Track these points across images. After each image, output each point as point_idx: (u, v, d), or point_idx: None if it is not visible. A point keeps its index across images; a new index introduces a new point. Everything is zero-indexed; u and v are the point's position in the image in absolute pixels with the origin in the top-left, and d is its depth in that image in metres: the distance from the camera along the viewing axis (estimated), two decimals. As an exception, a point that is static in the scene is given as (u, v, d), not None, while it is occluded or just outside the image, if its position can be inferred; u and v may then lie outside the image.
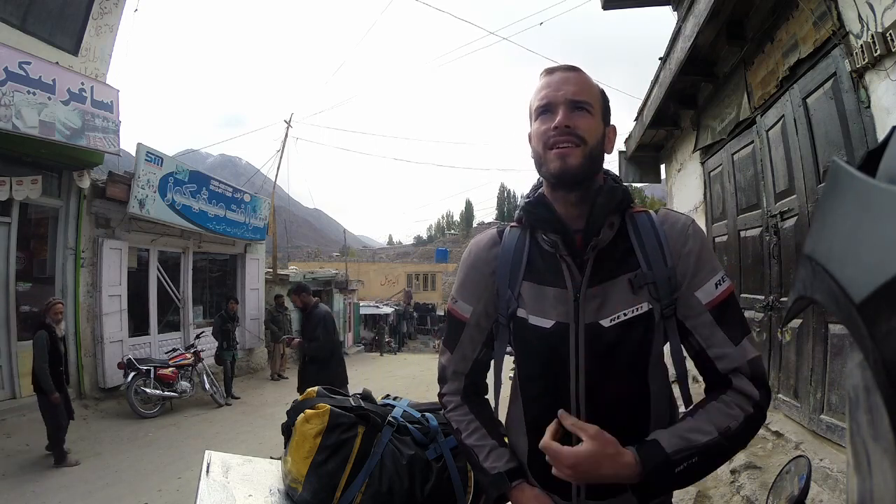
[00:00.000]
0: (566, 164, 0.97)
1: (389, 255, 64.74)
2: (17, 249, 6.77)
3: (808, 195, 3.26)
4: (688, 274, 0.98)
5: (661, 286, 0.98)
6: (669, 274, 0.98)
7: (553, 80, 1.02)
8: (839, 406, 2.93)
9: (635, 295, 0.98)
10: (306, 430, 1.19)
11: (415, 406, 1.37)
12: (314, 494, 1.16)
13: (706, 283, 0.98)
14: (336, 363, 5.24)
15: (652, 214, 1.05)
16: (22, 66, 6.03)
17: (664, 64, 5.17)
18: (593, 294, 0.99)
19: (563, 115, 0.98)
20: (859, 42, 2.61)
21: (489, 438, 1.08)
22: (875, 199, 0.28)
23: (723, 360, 0.95)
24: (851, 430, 0.33)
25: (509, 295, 1.06)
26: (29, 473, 4.81)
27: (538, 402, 1.05)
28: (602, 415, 0.98)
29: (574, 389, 0.99)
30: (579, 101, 0.99)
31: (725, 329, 0.96)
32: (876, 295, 0.26)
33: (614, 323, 0.98)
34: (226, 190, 10.50)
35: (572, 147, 0.97)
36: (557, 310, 1.01)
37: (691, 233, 1.01)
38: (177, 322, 9.92)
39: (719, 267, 1.01)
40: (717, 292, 0.97)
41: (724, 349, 0.95)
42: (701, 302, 0.97)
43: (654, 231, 1.01)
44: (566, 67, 1.04)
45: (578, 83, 1.01)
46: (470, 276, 1.13)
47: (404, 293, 30.83)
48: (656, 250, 0.99)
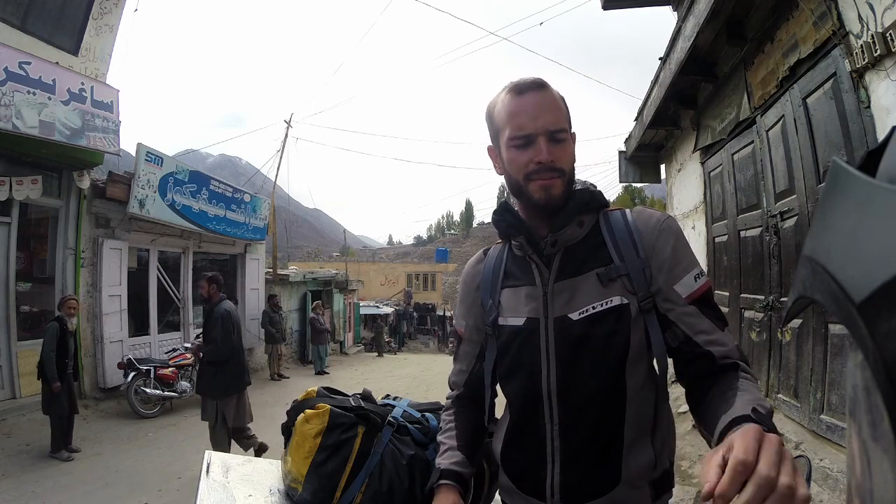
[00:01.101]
0: (550, 195, 0.99)
1: (389, 255, 64.80)
2: (17, 249, 6.77)
3: (808, 195, 3.26)
4: (664, 268, 0.98)
5: (636, 278, 0.98)
6: (643, 265, 0.98)
7: (527, 105, 0.99)
8: (839, 406, 2.94)
9: (605, 288, 0.98)
10: (306, 430, 1.19)
11: (415, 406, 1.37)
12: (314, 494, 1.16)
13: (685, 276, 0.97)
14: (235, 367, 4.82)
15: (626, 211, 1.06)
16: (22, 66, 6.02)
17: (664, 64, 5.18)
18: (561, 289, 1.01)
19: (546, 150, 0.97)
20: (859, 42, 2.61)
21: (454, 440, 1.14)
22: (875, 198, 0.28)
23: (714, 345, 0.94)
24: (851, 430, 0.33)
25: (490, 304, 1.11)
26: (29, 473, 4.81)
27: (516, 400, 1.08)
28: (574, 410, 0.99)
29: (546, 383, 1.00)
30: (558, 131, 0.99)
31: (710, 318, 0.96)
32: (876, 295, 0.26)
33: (583, 316, 0.98)
34: (226, 190, 10.50)
35: (554, 179, 0.99)
36: (529, 306, 1.04)
37: (664, 227, 1.01)
38: (177, 322, 9.92)
39: (696, 262, 1.01)
40: (697, 286, 0.97)
41: (713, 335, 0.94)
42: (681, 295, 0.97)
43: (626, 226, 1.02)
44: (535, 86, 1.01)
45: (553, 107, 1.00)
46: (462, 294, 1.22)
47: (404, 293, 30.86)
48: (628, 243, 1.00)
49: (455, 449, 1.13)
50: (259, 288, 12.49)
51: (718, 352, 0.93)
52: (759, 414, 0.73)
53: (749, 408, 0.75)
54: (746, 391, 0.84)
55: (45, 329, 5.44)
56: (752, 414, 0.73)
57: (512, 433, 1.08)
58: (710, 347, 0.94)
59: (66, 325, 5.41)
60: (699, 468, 3.60)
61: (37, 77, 6.18)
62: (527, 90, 1.00)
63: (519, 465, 1.07)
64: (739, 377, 0.89)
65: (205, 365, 4.89)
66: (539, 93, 1.00)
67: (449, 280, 38.36)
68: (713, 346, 0.94)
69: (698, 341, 0.94)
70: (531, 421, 1.02)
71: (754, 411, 0.73)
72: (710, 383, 0.91)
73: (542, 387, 1.00)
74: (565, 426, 0.99)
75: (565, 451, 0.99)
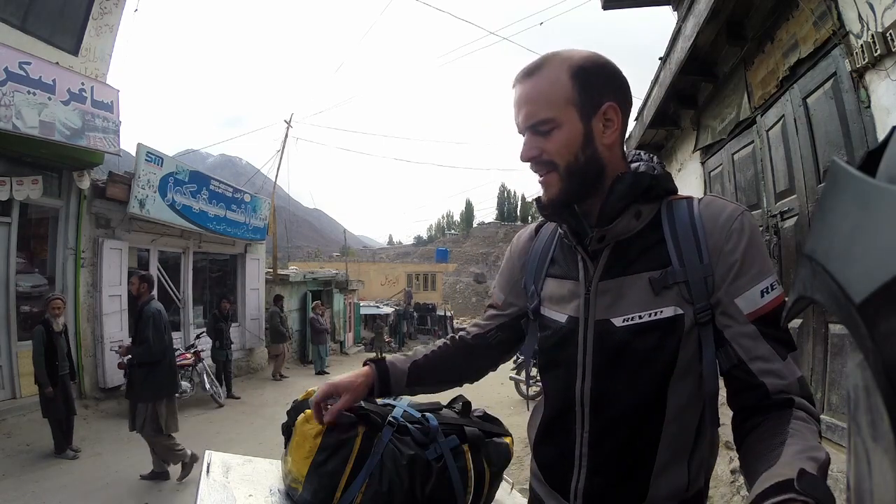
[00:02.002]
0: (548, 195, 0.93)
1: (389, 255, 64.82)
2: (17, 249, 6.77)
3: (808, 195, 3.26)
4: (728, 277, 0.84)
5: (695, 287, 0.85)
6: (706, 273, 0.85)
7: (514, 100, 0.93)
8: (839, 406, 2.94)
9: (657, 296, 0.87)
10: (306, 430, 1.19)
11: (415, 406, 1.36)
12: (314, 494, 1.16)
13: (750, 288, 0.83)
14: (166, 369, 4.69)
15: (694, 201, 0.91)
16: (22, 66, 6.03)
17: (664, 64, 5.18)
18: (606, 288, 0.91)
19: (525, 146, 0.91)
20: (859, 42, 2.61)
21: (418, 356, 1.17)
22: (875, 199, 0.28)
23: (770, 376, 0.81)
24: (851, 430, 0.33)
25: (532, 290, 1.05)
26: (29, 473, 4.81)
27: (550, 398, 1.03)
28: (606, 422, 0.91)
29: (580, 389, 0.93)
30: (538, 123, 0.90)
31: (771, 343, 0.82)
32: (876, 295, 0.26)
33: (627, 324, 0.88)
34: (226, 190, 10.51)
35: (547, 174, 0.92)
36: (571, 304, 0.96)
37: (736, 226, 0.85)
38: (177, 322, 9.90)
39: (769, 269, 0.85)
40: (763, 302, 0.82)
41: (770, 364, 0.81)
42: (742, 311, 0.83)
43: (691, 221, 0.88)
44: (522, 75, 0.92)
45: (531, 99, 0.90)
46: (505, 267, 1.17)
47: (404, 293, 30.85)
48: (691, 244, 0.86)
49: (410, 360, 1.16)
50: (259, 288, 12.49)
51: (774, 385, 0.80)
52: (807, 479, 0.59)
53: (795, 468, 0.61)
54: (797, 438, 0.72)
55: (33, 334, 5.36)
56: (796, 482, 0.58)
57: (545, 426, 1.05)
58: (764, 378, 0.81)
59: (52, 327, 5.31)
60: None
61: (37, 77, 6.18)
62: (516, 82, 0.94)
63: (548, 459, 1.03)
64: (793, 417, 0.76)
65: (134, 367, 4.65)
66: (524, 82, 0.92)
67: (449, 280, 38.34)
68: (769, 376, 0.81)
69: (752, 369, 0.82)
70: (563, 421, 0.98)
71: (801, 476, 0.59)
72: (758, 419, 0.80)
73: (576, 393, 0.94)
74: (595, 436, 0.93)
75: (593, 460, 0.93)
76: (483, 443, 1.28)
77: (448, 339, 1.22)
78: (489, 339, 1.16)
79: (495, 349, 1.18)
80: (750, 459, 0.76)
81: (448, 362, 1.19)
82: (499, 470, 1.25)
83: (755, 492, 0.61)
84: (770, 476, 0.62)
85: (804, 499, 0.56)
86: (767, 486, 0.60)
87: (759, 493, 0.60)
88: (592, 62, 0.91)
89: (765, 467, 0.67)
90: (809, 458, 0.66)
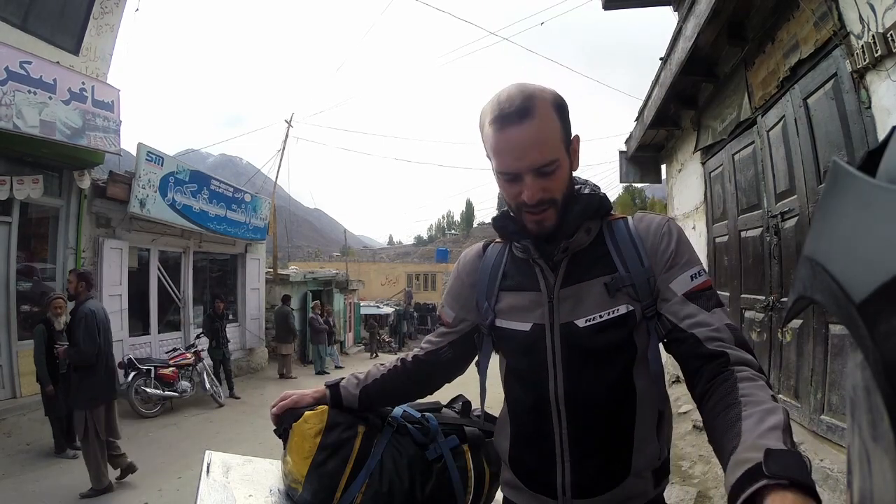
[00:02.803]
0: (544, 227, 0.99)
1: (390, 255, 64.79)
2: (17, 249, 6.77)
3: (808, 195, 3.26)
4: (664, 267, 0.98)
5: (641, 288, 0.97)
6: (648, 275, 0.98)
7: (511, 143, 0.93)
8: (840, 406, 2.94)
9: (612, 298, 0.98)
10: (306, 430, 1.19)
11: (414, 406, 1.36)
12: (314, 495, 1.16)
13: (681, 274, 0.96)
14: (103, 373, 4.40)
15: (628, 219, 1.05)
16: (23, 65, 6.03)
17: (665, 64, 5.18)
18: (567, 295, 1.00)
19: (532, 188, 0.95)
20: (860, 42, 2.61)
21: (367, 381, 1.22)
22: (875, 198, 0.28)
23: (698, 327, 0.90)
24: (851, 430, 0.33)
25: (486, 306, 1.10)
26: (29, 472, 4.82)
27: (520, 404, 1.08)
28: (583, 415, 0.99)
29: (553, 390, 1.00)
30: (545, 165, 0.94)
31: (697, 303, 0.93)
32: (876, 295, 0.26)
33: (590, 324, 0.98)
34: (226, 190, 10.51)
35: (546, 211, 0.98)
36: (534, 313, 1.03)
37: (665, 230, 1.00)
38: (177, 322, 9.93)
39: (697, 260, 0.99)
40: (694, 284, 0.95)
41: (696, 318, 0.91)
42: (676, 293, 0.95)
43: (629, 234, 1.01)
44: (517, 117, 0.91)
45: (539, 140, 0.92)
46: (454, 285, 1.21)
47: (405, 293, 30.87)
48: (632, 252, 0.99)
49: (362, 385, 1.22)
50: (259, 288, 12.50)
51: (703, 333, 0.89)
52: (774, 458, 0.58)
53: (761, 446, 0.61)
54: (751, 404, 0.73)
55: (34, 332, 5.43)
56: (764, 466, 0.57)
57: (518, 436, 1.09)
58: (693, 330, 0.90)
59: (54, 326, 5.37)
60: (699, 468, 3.61)
61: (38, 76, 6.18)
62: (510, 125, 0.92)
63: (527, 465, 1.07)
64: (738, 379, 0.80)
65: (71, 371, 4.47)
66: (521, 126, 0.91)
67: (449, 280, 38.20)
68: (697, 328, 0.90)
69: (682, 326, 0.92)
70: (538, 425, 1.02)
71: (768, 456, 0.59)
72: (705, 383, 0.85)
73: (550, 393, 1.00)
74: (574, 431, 0.99)
75: (575, 453, 0.99)
76: (483, 442, 1.28)
77: (399, 360, 1.25)
78: (441, 356, 1.20)
79: (448, 365, 1.22)
80: (713, 437, 0.78)
81: (398, 386, 1.24)
82: (499, 470, 1.25)
83: (728, 482, 0.61)
84: (737, 463, 0.62)
85: (776, 482, 0.55)
86: (738, 475, 0.60)
87: (733, 484, 0.60)
88: (561, 98, 0.98)
89: (729, 449, 0.67)
90: (770, 429, 0.67)
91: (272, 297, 13.03)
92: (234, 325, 11.15)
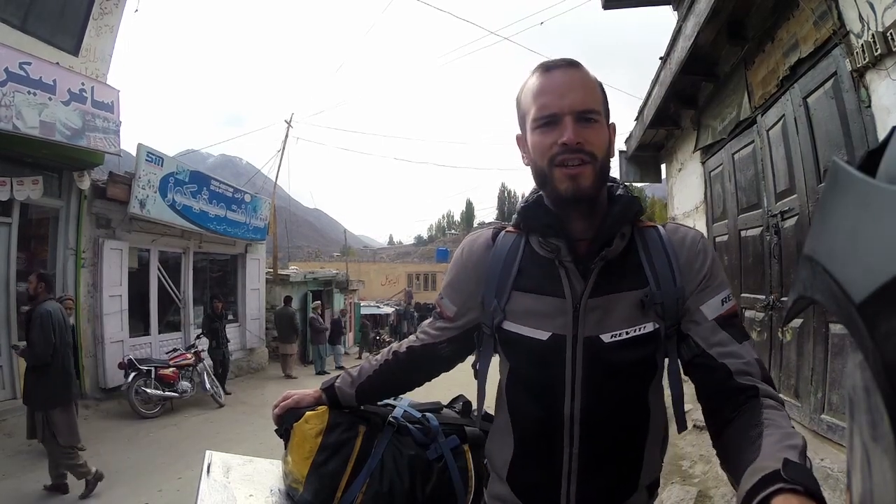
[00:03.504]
0: (578, 185, 0.89)
1: (390, 255, 64.80)
2: (17, 250, 6.77)
3: (808, 195, 3.26)
4: (697, 288, 0.93)
5: (669, 307, 0.92)
6: (678, 294, 0.92)
7: (554, 84, 0.91)
8: (840, 406, 2.94)
9: (642, 314, 0.92)
10: (306, 430, 1.19)
11: (415, 406, 1.36)
12: (315, 495, 1.16)
13: (713, 298, 0.92)
14: (59, 374, 4.33)
15: (660, 229, 0.98)
16: (22, 66, 6.03)
17: (665, 63, 5.18)
18: (594, 306, 0.92)
19: (572, 129, 0.88)
20: (860, 41, 2.61)
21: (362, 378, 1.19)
22: (875, 198, 0.28)
23: (729, 357, 0.87)
24: (851, 430, 0.33)
25: (495, 305, 0.99)
26: (30, 473, 4.81)
27: (527, 417, 0.99)
28: (597, 434, 0.93)
29: (569, 405, 0.93)
30: (587, 111, 0.90)
31: (728, 331, 0.90)
32: (876, 295, 0.26)
33: (615, 340, 0.92)
34: (226, 190, 10.51)
35: (583, 166, 0.89)
36: (555, 321, 0.94)
37: (701, 248, 0.95)
38: (177, 322, 9.93)
39: (727, 283, 0.95)
40: (724, 309, 0.92)
41: (728, 347, 0.88)
42: (706, 317, 0.91)
43: (663, 247, 0.95)
44: (566, 63, 0.93)
45: (584, 86, 0.91)
46: (458, 276, 1.10)
47: (405, 293, 30.86)
48: (666, 268, 0.93)
49: (356, 384, 1.19)
50: (259, 288, 12.50)
51: (734, 365, 0.86)
52: (792, 467, 0.61)
53: (780, 458, 0.63)
54: (773, 426, 0.74)
55: None
56: (782, 472, 0.60)
57: (522, 451, 1.00)
58: (724, 360, 0.87)
59: None
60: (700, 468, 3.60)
61: (37, 77, 6.18)
62: (555, 68, 0.92)
63: (530, 482, 0.99)
64: (763, 406, 0.80)
65: (28, 372, 4.43)
66: (568, 70, 0.92)
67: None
68: (728, 358, 0.87)
69: (712, 353, 0.88)
70: (546, 441, 0.95)
71: (786, 465, 0.61)
72: (730, 411, 0.83)
73: (565, 410, 0.93)
74: (586, 449, 0.93)
75: (583, 471, 0.94)
76: (484, 442, 1.28)
77: (391, 353, 1.18)
78: (439, 352, 1.13)
79: (445, 361, 1.17)
80: (730, 453, 0.79)
81: (393, 380, 1.20)
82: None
83: (744, 488, 0.62)
84: (755, 470, 0.63)
85: (792, 487, 0.57)
86: (755, 480, 0.61)
87: (749, 489, 0.61)
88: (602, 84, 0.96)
89: (747, 461, 0.68)
90: (789, 447, 0.68)
91: (272, 298, 13.04)
92: (235, 326, 11.15)
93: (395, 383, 1.22)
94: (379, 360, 1.20)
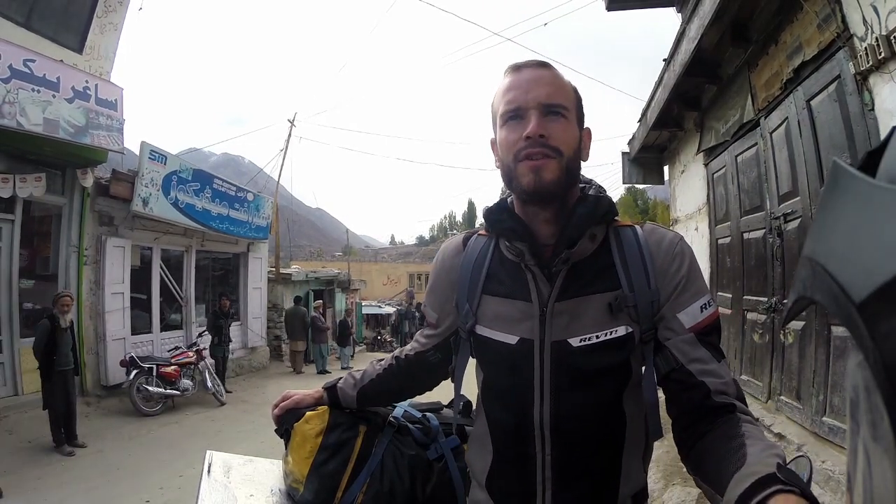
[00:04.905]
0: (541, 178, 0.88)
1: (392, 255, 64.78)
2: (20, 247, 6.80)
3: (811, 197, 3.25)
4: (673, 293, 0.90)
5: (643, 310, 0.89)
6: (653, 298, 0.89)
7: (521, 80, 0.91)
8: (841, 408, 2.93)
9: (612, 317, 0.90)
10: (307, 430, 1.19)
11: (415, 406, 1.36)
12: (315, 495, 1.16)
13: (690, 304, 0.89)
14: None
15: (637, 230, 0.95)
16: (26, 63, 6.05)
17: (668, 65, 5.17)
18: (562, 309, 0.91)
19: (535, 122, 0.88)
20: (863, 45, 2.61)
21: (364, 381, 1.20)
22: (875, 198, 0.28)
23: (708, 376, 0.85)
24: (851, 430, 0.33)
25: (467, 309, 1.00)
26: (31, 470, 4.83)
27: (503, 423, 0.98)
28: (569, 441, 0.91)
29: (538, 411, 0.91)
30: (553, 105, 0.89)
31: (707, 348, 0.87)
32: (876, 295, 0.26)
33: (584, 344, 0.89)
34: (229, 189, 10.53)
35: (547, 159, 0.88)
36: (522, 325, 0.93)
37: (678, 250, 0.92)
38: (179, 320, 9.95)
39: (706, 289, 0.92)
40: (703, 316, 0.89)
41: (707, 365, 0.85)
42: (684, 325, 0.88)
43: (638, 248, 0.92)
44: (535, 64, 0.94)
45: (551, 83, 0.91)
46: (436, 283, 1.11)
47: (406, 293, 30.83)
48: (640, 270, 0.90)
49: (359, 386, 1.20)
50: (262, 287, 12.52)
51: (714, 384, 0.84)
52: (786, 472, 0.60)
53: (771, 463, 0.62)
54: (754, 438, 0.74)
55: (36, 326, 5.59)
56: (779, 473, 0.59)
57: (497, 457, 0.99)
58: (704, 378, 0.85)
59: (58, 322, 5.46)
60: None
61: (41, 75, 6.21)
62: (525, 67, 0.93)
63: (506, 489, 0.98)
64: (741, 421, 0.79)
65: None
66: (538, 69, 0.93)
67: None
68: (708, 376, 0.85)
69: (692, 370, 0.85)
70: (520, 448, 0.94)
71: (780, 469, 0.60)
72: (705, 426, 0.82)
73: (534, 416, 0.91)
74: (559, 457, 0.91)
75: (558, 479, 0.91)
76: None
77: (394, 358, 1.21)
78: (429, 359, 1.15)
79: (436, 368, 1.17)
80: (709, 462, 0.77)
81: (394, 386, 1.21)
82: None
83: (734, 492, 0.61)
84: (746, 475, 0.62)
85: (790, 488, 0.57)
86: (748, 484, 0.60)
87: (741, 493, 0.60)
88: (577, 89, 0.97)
89: (733, 469, 0.67)
90: (776, 455, 0.67)
91: (274, 296, 13.07)
92: (237, 324, 11.17)
93: (396, 389, 1.23)
94: (383, 364, 1.21)
